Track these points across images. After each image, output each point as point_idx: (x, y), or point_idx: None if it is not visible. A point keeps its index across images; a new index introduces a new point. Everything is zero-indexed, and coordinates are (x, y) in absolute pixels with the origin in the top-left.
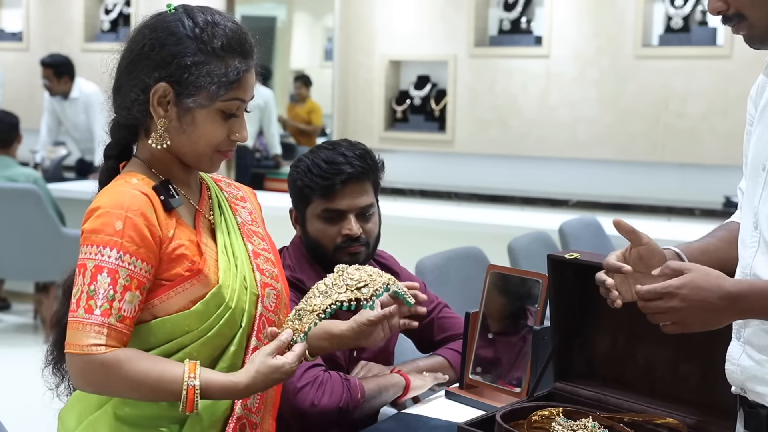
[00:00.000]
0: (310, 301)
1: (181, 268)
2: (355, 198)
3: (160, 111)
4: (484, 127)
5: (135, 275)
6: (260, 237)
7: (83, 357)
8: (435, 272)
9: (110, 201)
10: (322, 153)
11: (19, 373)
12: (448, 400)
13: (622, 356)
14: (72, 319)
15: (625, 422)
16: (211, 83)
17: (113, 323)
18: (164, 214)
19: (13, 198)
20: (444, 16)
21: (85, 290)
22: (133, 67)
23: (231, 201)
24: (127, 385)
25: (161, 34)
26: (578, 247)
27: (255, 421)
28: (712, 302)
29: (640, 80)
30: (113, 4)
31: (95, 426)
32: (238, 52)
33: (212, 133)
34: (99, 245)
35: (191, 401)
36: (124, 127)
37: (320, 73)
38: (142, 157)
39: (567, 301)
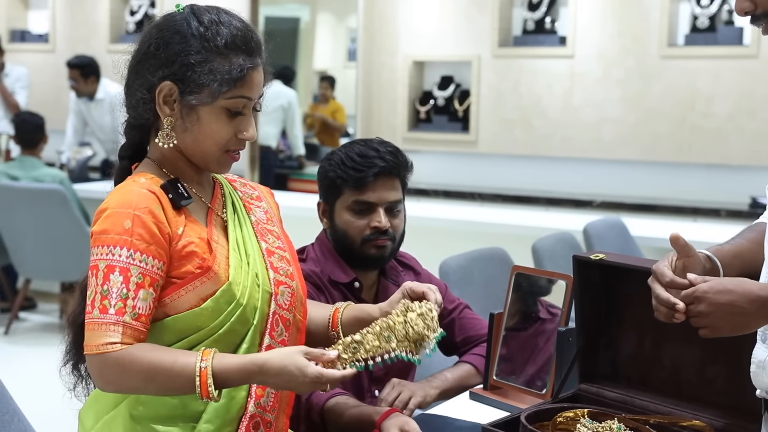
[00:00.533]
0: (368, 337)
1: (192, 266)
2: (385, 192)
3: (166, 110)
4: (508, 128)
5: (147, 272)
6: (275, 235)
7: (99, 357)
8: (459, 273)
9: (118, 201)
10: (355, 147)
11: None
12: (473, 401)
13: (647, 358)
14: (88, 320)
15: (651, 424)
16: (214, 80)
17: (128, 321)
18: (173, 212)
19: (40, 198)
20: (468, 17)
21: (99, 291)
22: (140, 67)
23: (245, 200)
24: (142, 378)
25: (167, 33)
26: (603, 247)
27: (269, 420)
28: (741, 306)
29: (665, 80)
30: (138, 5)
31: (111, 425)
32: (242, 49)
33: (217, 132)
34: (109, 245)
35: (204, 384)
36: (135, 127)
37: (343, 73)
38: (154, 157)
39: (592, 302)
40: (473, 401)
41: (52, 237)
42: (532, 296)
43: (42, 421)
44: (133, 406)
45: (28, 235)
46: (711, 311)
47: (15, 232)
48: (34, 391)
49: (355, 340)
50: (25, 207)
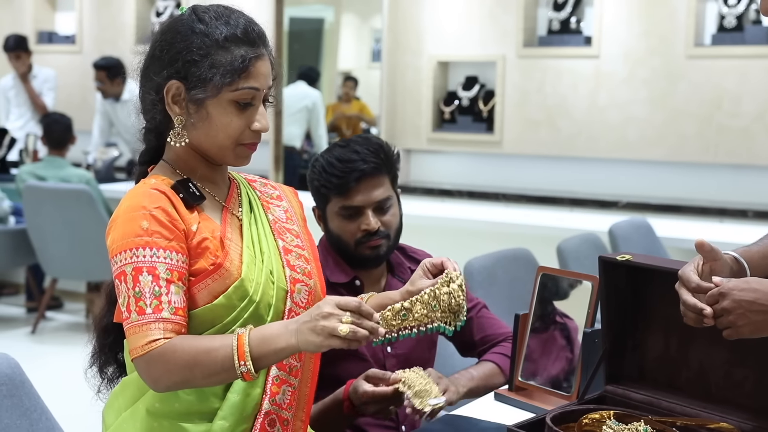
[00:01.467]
0: (416, 306)
1: (206, 262)
2: (370, 193)
3: (176, 109)
4: (532, 128)
5: (174, 267)
6: (294, 234)
7: (145, 356)
8: (483, 273)
9: (131, 205)
10: (335, 151)
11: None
12: (498, 402)
13: (674, 359)
14: (128, 326)
15: (678, 426)
16: (216, 73)
17: (167, 317)
18: (186, 211)
19: (66, 198)
20: (492, 17)
21: (131, 294)
22: (148, 71)
23: (263, 200)
24: (186, 366)
25: (169, 35)
26: (628, 248)
27: (286, 417)
28: (763, 304)
29: (691, 80)
30: (164, 6)
31: (129, 421)
32: (243, 41)
33: (228, 125)
34: (132, 248)
35: (242, 347)
36: (150, 130)
37: (368, 74)
38: (168, 159)
39: (618, 303)
40: (498, 402)
41: (79, 237)
42: (557, 297)
43: (68, 419)
44: (150, 403)
45: (54, 234)
46: (734, 308)
47: (42, 231)
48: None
49: (404, 307)
50: (52, 207)
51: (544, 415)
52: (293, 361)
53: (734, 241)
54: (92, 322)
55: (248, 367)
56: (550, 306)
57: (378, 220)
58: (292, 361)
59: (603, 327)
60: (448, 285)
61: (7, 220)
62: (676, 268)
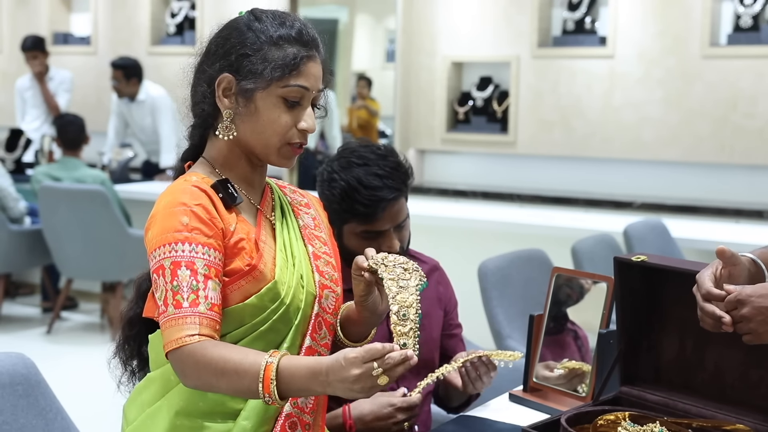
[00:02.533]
0: (398, 297)
1: (241, 263)
2: (394, 218)
3: (226, 102)
4: (547, 129)
5: (211, 264)
6: (322, 241)
7: (179, 350)
8: (497, 274)
9: (171, 201)
10: (354, 172)
11: (87, 370)
12: (512, 403)
13: (690, 361)
14: (164, 319)
15: (693, 428)
16: (267, 66)
17: (204, 311)
18: (224, 210)
19: (81, 199)
20: (506, 17)
21: (169, 288)
22: (202, 66)
23: (294, 206)
24: (214, 372)
25: (225, 31)
26: (643, 249)
27: (307, 421)
28: None
29: (707, 80)
30: (179, 8)
31: (152, 417)
32: (297, 41)
33: (276, 120)
34: (171, 243)
35: (267, 378)
36: (197, 126)
37: (382, 74)
38: (208, 156)
39: (633, 304)
40: (512, 403)
41: (94, 237)
42: (572, 298)
43: (83, 418)
44: (175, 401)
45: (69, 235)
46: (754, 315)
47: (57, 232)
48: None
49: (398, 309)
50: (67, 207)
51: (558, 417)
52: None
53: (750, 242)
54: (120, 313)
55: (274, 398)
56: (564, 308)
57: (398, 240)
58: None
59: (618, 328)
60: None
61: (23, 221)
62: (691, 269)
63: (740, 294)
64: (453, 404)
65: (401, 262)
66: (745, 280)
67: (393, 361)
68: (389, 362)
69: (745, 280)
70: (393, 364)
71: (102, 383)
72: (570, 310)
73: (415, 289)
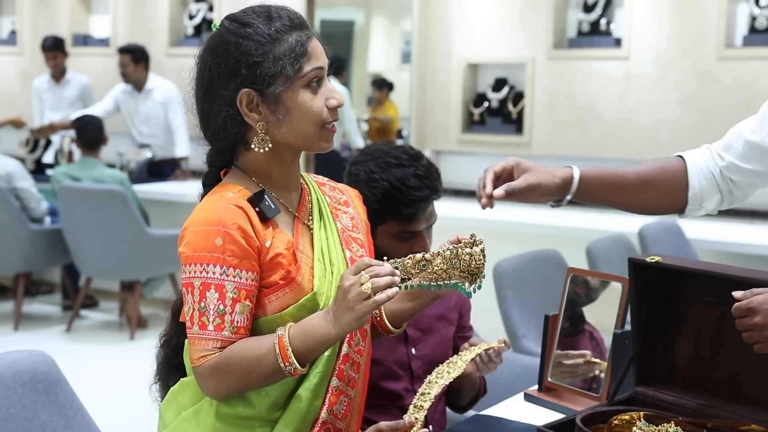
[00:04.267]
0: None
1: (277, 276)
2: (429, 218)
3: (255, 115)
4: (562, 130)
5: (242, 286)
6: (359, 243)
7: (199, 368)
8: (513, 275)
9: (207, 218)
10: (395, 173)
11: (106, 367)
12: (527, 403)
13: (705, 361)
14: (189, 335)
15: (708, 428)
16: (283, 65)
17: (227, 336)
18: (261, 225)
19: (100, 199)
20: (522, 18)
21: (196, 308)
22: (211, 92)
23: (332, 206)
24: (240, 377)
25: (219, 50)
26: (658, 250)
27: (340, 428)
28: None
29: (722, 82)
30: (196, 10)
31: (191, 420)
32: (291, 26)
33: (309, 109)
34: (203, 263)
35: (283, 350)
36: (225, 149)
37: (397, 76)
38: (243, 166)
39: (648, 304)
40: (528, 402)
41: (113, 237)
42: (580, 296)
43: (102, 415)
44: (212, 404)
45: (89, 234)
46: (766, 324)
47: (77, 231)
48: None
49: (425, 258)
50: (87, 207)
51: (573, 416)
52: (352, 372)
53: (764, 243)
54: (159, 338)
55: (294, 366)
56: (580, 308)
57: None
58: (351, 372)
59: (633, 328)
60: (471, 247)
61: (44, 221)
62: (706, 270)
63: (751, 302)
64: (463, 401)
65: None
66: (550, 190)
67: (379, 271)
68: (375, 272)
69: (551, 190)
70: (377, 273)
71: (120, 381)
72: (585, 310)
73: (449, 278)
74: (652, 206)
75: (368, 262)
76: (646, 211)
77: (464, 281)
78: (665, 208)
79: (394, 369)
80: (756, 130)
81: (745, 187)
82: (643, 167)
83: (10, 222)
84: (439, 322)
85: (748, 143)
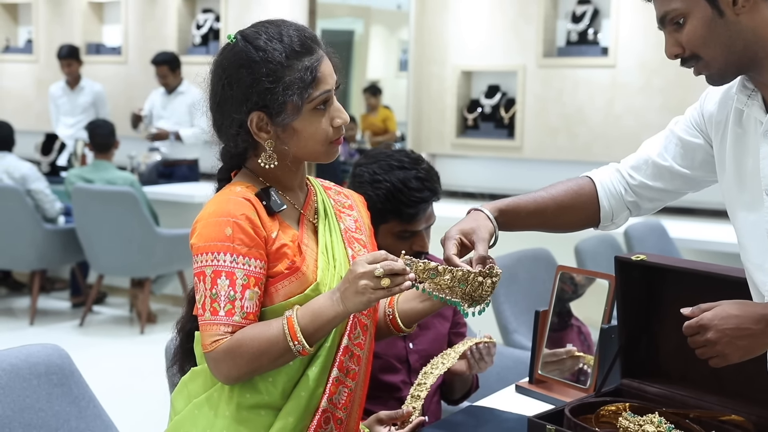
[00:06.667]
0: (446, 276)
1: (282, 266)
2: (428, 219)
3: (264, 135)
4: (551, 135)
5: (251, 273)
6: (362, 244)
7: (212, 353)
8: (504, 272)
9: (217, 210)
10: (398, 175)
11: (117, 360)
12: (519, 394)
13: (687, 354)
14: (201, 322)
15: (691, 418)
16: (293, 93)
17: (238, 321)
18: (267, 218)
19: (112, 200)
20: (513, 28)
21: (208, 295)
22: (223, 108)
23: (337, 208)
24: (251, 358)
25: (232, 71)
26: (643, 249)
27: (340, 417)
28: (747, 327)
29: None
30: (204, 20)
31: (200, 408)
32: (302, 52)
33: (317, 130)
34: (214, 252)
35: (292, 329)
36: (236, 156)
37: (395, 83)
38: (251, 168)
39: (634, 301)
40: (519, 394)
41: (123, 236)
42: (567, 293)
43: (113, 406)
44: (223, 392)
45: (101, 233)
46: (719, 338)
47: (89, 231)
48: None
49: (437, 269)
50: (99, 208)
51: (563, 407)
52: (352, 364)
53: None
54: (176, 324)
55: (302, 344)
56: (568, 304)
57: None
58: (351, 364)
59: (619, 323)
60: (484, 277)
61: (57, 220)
62: (689, 268)
63: (702, 319)
64: (455, 396)
65: (488, 292)
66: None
67: (394, 267)
68: (390, 267)
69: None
70: (392, 269)
71: (131, 373)
72: (574, 305)
73: (452, 295)
74: (569, 227)
75: (385, 255)
76: (564, 231)
77: (465, 302)
78: (581, 227)
79: (393, 362)
80: (662, 155)
81: (653, 202)
82: (557, 192)
83: (25, 222)
84: (435, 318)
85: (656, 165)
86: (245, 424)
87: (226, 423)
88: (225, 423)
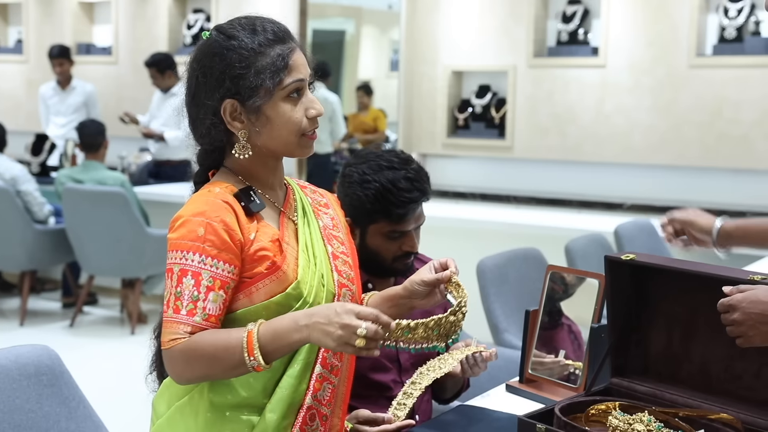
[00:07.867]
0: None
1: (262, 267)
2: (418, 219)
3: (237, 124)
4: (542, 134)
5: (218, 276)
6: (340, 241)
7: (168, 351)
8: (495, 272)
9: (192, 210)
10: (387, 175)
11: (108, 361)
12: (509, 393)
13: (677, 353)
14: (164, 318)
15: (680, 417)
16: (264, 78)
17: (198, 322)
18: (246, 219)
19: (102, 200)
20: (504, 29)
21: (173, 292)
22: (197, 99)
23: (314, 206)
24: (206, 363)
25: (206, 60)
26: (633, 248)
27: (325, 413)
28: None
29: (694, 89)
30: (195, 20)
31: (182, 411)
32: (274, 40)
33: (289, 119)
34: (183, 250)
35: (251, 344)
36: (212, 152)
37: (386, 83)
38: (230, 166)
39: (623, 300)
40: (509, 393)
41: (114, 236)
42: (558, 292)
43: (103, 407)
44: (203, 394)
45: (91, 234)
46: (744, 320)
47: (79, 231)
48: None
49: (409, 327)
50: (89, 208)
51: (553, 406)
52: (335, 361)
53: None
54: (153, 330)
55: (258, 361)
56: (559, 303)
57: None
58: (334, 361)
59: (609, 322)
60: (455, 314)
61: (48, 222)
62: (678, 267)
63: (732, 299)
64: (447, 395)
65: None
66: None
67: (376, 335)
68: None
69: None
70: (374, 336)
71: (121, 374)
72: (564, 305)
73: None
74: None
75: (376, 315)
76: None
77: (441, 342)
78: None
79: (383, 361)
80: None
81: None
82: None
83: (15, 222)
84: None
85: None
86: (228, 425)
87: (209, 425)
88: (207, 425)
